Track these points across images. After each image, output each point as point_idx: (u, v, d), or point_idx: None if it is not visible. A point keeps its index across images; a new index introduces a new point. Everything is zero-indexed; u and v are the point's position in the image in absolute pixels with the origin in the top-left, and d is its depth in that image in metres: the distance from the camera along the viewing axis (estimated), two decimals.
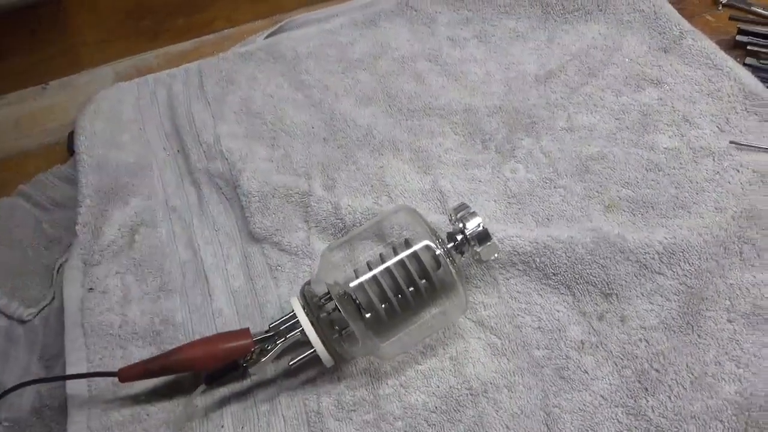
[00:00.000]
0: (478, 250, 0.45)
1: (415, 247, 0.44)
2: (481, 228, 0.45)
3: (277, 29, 0.77)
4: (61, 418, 0.49)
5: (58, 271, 0.58)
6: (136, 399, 0.48)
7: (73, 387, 0.48)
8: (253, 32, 0.79)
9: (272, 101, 0.66)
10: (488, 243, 0.45)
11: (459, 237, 0.46)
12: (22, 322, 0.56)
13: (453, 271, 0.44)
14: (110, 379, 0.47)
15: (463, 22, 0.71)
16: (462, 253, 0.46)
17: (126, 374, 0.46)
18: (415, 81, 0.66)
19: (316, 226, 0.55)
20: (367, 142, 0.61)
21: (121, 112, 0.67)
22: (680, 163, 0.54)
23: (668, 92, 0.60)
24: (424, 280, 0.44)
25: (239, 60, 0.71)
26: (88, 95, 0.72)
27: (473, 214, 0.46)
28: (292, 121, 0.64)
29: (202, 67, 0.71)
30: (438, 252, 0.44)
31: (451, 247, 0.46)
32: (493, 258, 0.46)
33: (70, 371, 0.49)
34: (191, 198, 0.60)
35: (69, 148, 0.69)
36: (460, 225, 0.46)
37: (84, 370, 0.49)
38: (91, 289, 0.53)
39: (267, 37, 0.76)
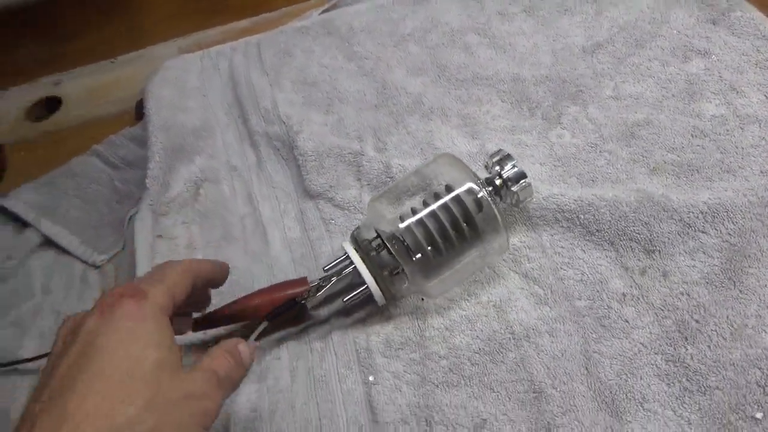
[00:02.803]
0: (515, 189, 0.48)
1: (458, 191, 0.47)
2: (516, 168, 0.48)
3: (331, 6, 0.80)
4: None
5: (129, 222, 0.62)
6: (205, 346, 0.51)
7: None
8: (309, 9, 0.83)
9: (327, 71, 0.70)
10: (524, 182, 0.48)
11: (497, 181, 0.48)
12: (96, 267, 0.61)
13: (495, 210, 0.46)
14: None
15: None
16: (500, 196, 0.49)
17: (196, 323, 0.50)
18: (464, 53, 0.69)
19: (368, 184, 0.58)
20: (416, 109, 0.64)
21: (186, 81, 0.72)
22: (726, 130, 0.55)
23: (715, 62, 0.61)
24: (466, 221, 0.47)
25: (296, 33, 0.75)
26: (154, 68, 0.76)
27: (509, 157, 0.49)
28: (346, 89, 0.67)
29: (261, 41, 0.75)
30: (480, 194, 0.46)
31: (491, 190, 0.48)
32: (529, 199, 0.49)
33: None
34: (250, 158, 0.64)
35: (137, 114, 0.74)
36: (497, 168, 0.48)
37: None
38: (159, 235, 0.57)
39: (322, 13, 0.79)
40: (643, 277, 0.48)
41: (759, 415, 0.39)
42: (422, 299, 0.50)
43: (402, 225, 0.47)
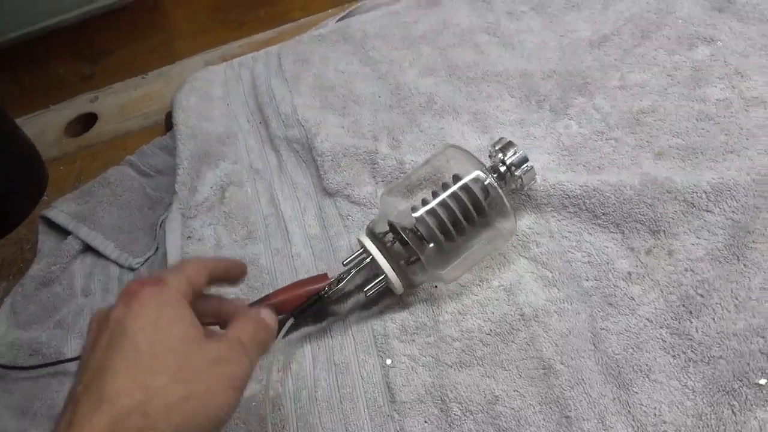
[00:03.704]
0: (519, 174, 0.50)
1: (465, 179, 0.49)
2: (518, 154, 0.51)
3: (347, 14, 0.84)
4: None
5: (160, 226, 0.67)
6: None
7: None
8: (326, 19, 0.87)
9: (343, 76, 0.73)
10: (526, 166, 0.50)
11: (502, 168, 0.51)
12: (131, 269, 0.65)
13: (501, 193, 0.48)
14: None
15: None
16: (505, 181, 0.51)
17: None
18: (474, 52, 0.71)
19: (383, 180, 0.61)
20: (429, 108, 0.66)
21: (211, 91, 0.76)
22: (731, 112, 0.56)
23: (721, 48, 0.62)
24: (475, 208, 0.49)
25: (313, 42, 0.78)
26: (182, 82, 0.81)
27: (510, 144, 0.51)
28: (361, 92, 0.70)
29: (281, 50, 0.79)
30: (487, 181, 0.49)
31: (496, 177, 0.51)
32: (533, 183, 0.51)
33: None
34: (272, 161, 0.68)
35: (167, 125, 0.79)
36: (500, 155, 0.51)
37: None
38: (189, 237, 0.61)
39: (338, 21, 0.83)
40: (648, 257, 0.49)
41: (762, 381, 0.40)
42: (435, 286, 0.53)
43: (415, 215, 0.50)
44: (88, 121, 0.87)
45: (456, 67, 0.70)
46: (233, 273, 0.43)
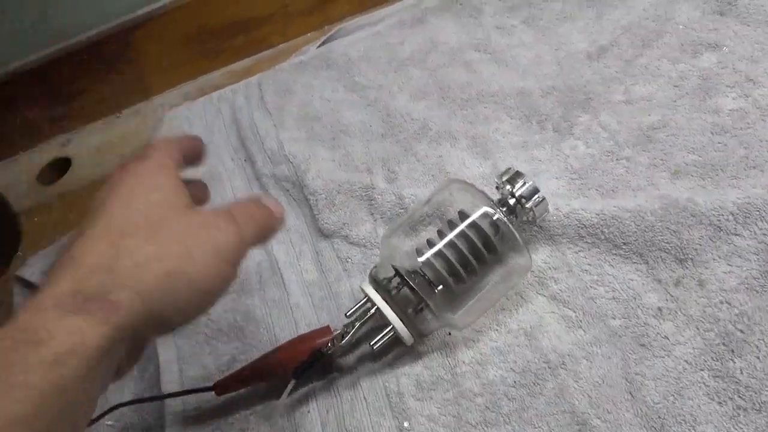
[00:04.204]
0: (530, 206, 0.46)
1: (473, 216, 0.46)
2: (528, 184, 0.47)
3: (328, 38, 0.80)
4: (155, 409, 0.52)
5: None
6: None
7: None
8: (306, 44, 0.83)
9: (329, 105, 0.69)
10: (538, 197, 0.46)
11: (511, 201, 0.47)
12: None
13: (512, 229, 0.44)
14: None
15: (509, 10, 0.72)
16: (516, 215, 0.47)
17: (221, 388, 0.48)
18: (466, 71, 0.67)
19: (381, 217, 0.57)
20: (424, 134, 0.62)
21: (191, 129, 0.71)
22: (747, 123, 0.53)
23: (727, 54, 0.58)
24: (485, 246, 0.45)
25: (295, 70, 0.74)
26: (159, 119, 0.76)
27: (519, 174, 0.47)
28: (350, 121, 0.66)
29: (261, 80, 0.74)
30: (495, 216, 0.45)
31: (505, 210, 0.47)
32: (545, 214, 0.47)
33: (163, 369, 0.52)
34: None
35: None
36: (509, 187, 0.47)
37: (176, 368, 0.53)
38: None
39: (319, 46, 0.79)
40: (678, 289, 0.46)
41: None
42: (449, 333, 0.49)
43: (421, 259, 0.46)
44: (62, 166, 0.82)
45: (448, 88, 0.66)
46: (196, 147, 0.40)
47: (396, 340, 0.47)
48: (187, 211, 0.32)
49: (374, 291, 0.46)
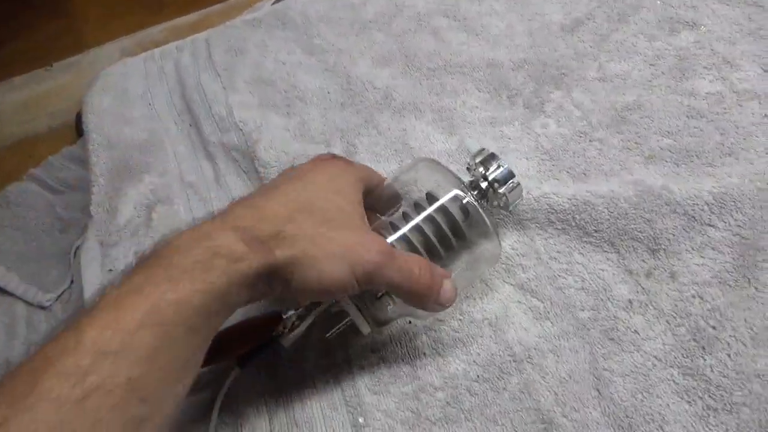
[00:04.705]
0: (503, 191, 0.43)
1: (443, 200, 0.42)
2: (502, 168, 0.43)
3: None
4: None
5: (74, 254, 0.56)
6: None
7: None
8: (260, 0, 0.76)
9: (284, 68, 0.63)
10: (512, 183, 0.43)
11: (483, 185, 0.43)
12: (42, 308, 0.54)
13: (484, 215, 0.41)
14: None
15: None
16: (487, 199, 0.44)
17: None
18: (434, 38, 0.63)
19: None
20: (387, 105, 0.58)
21: (129, 88, 0.65)
22: (724, 108, 0.51)
23: (705, 34, 0.56)
24: (453, 232, 0.42)
25: (247, 27, 0.68)
26: (94, 74, 0.69)
27: (493, 156, 0.44)
28: (307, 87, 0.61)
29: (210, 37, 0.68)
30: (466, 200, 0.41)
31: (477, 194, 0.43)
32: (519, 200, 0.44)
33: None
34: (207, 172, 0.58)
35: (78, 129, 0.67)
36: (481, 169, 0.43)
37: None
38: (110, 270, 0.51)
39: (275, 2, 0.73)
40: (649, 280, 0.44)
41: None
42: (409, 322, 0.45)
43: None
44: None
45: (414, 56, 0.62)
46: (388, 197, 0.44)
47: (352, 328, 0.43)
48: (360, 219, 0.38)
49: None
